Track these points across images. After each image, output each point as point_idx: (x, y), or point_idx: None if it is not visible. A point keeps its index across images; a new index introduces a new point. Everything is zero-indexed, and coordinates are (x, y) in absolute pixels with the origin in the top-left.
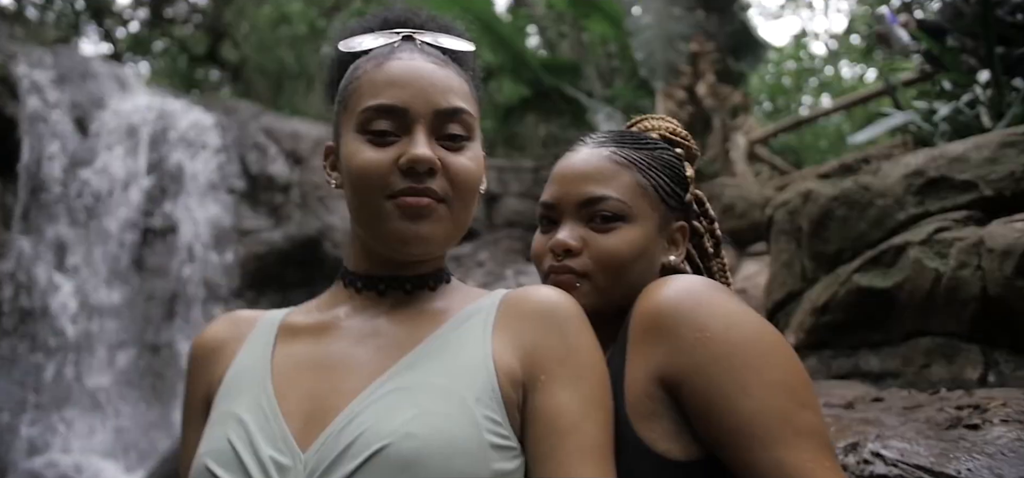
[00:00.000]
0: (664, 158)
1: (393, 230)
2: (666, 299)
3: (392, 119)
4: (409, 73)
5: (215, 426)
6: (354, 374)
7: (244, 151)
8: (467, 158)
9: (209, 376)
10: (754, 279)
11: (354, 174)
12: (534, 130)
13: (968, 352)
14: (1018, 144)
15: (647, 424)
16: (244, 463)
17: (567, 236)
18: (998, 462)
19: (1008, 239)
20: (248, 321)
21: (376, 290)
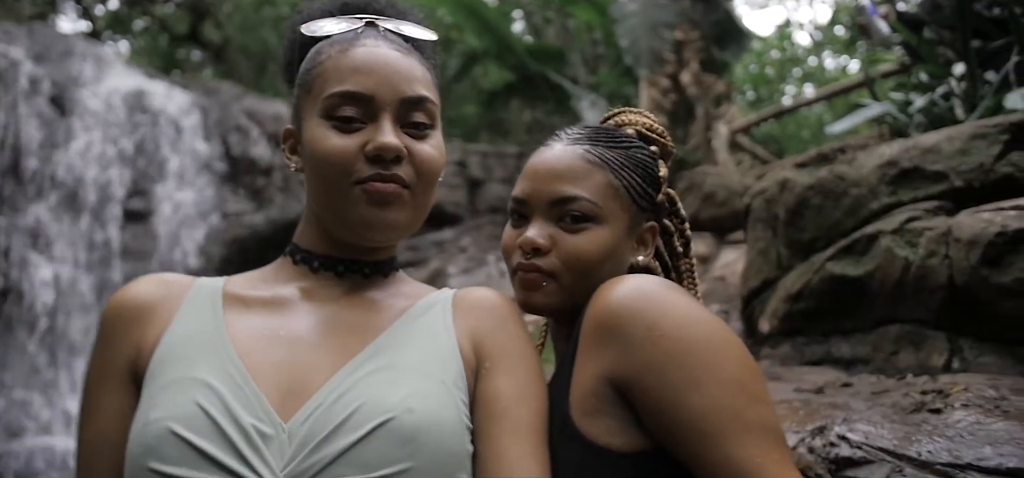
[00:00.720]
0: (637, 157)
1: (359, 215)
2: (616, 300)
3: (358, 106)
4: (375, 61)
5: (171, 390)
6: (323, 352)
7: (226, 133)
8: (431, 146)
9: (137, 338)
10: (732, 266)
11: (319, 159)
12: (518, 116)
13: (935, 339)
14: (988, 136)
15: (591, 420)
16: (223, 429)
17: (536, 235)
18: (956, 444)
19: (975, 229)
20: (180, 284)
21: (335, 271)
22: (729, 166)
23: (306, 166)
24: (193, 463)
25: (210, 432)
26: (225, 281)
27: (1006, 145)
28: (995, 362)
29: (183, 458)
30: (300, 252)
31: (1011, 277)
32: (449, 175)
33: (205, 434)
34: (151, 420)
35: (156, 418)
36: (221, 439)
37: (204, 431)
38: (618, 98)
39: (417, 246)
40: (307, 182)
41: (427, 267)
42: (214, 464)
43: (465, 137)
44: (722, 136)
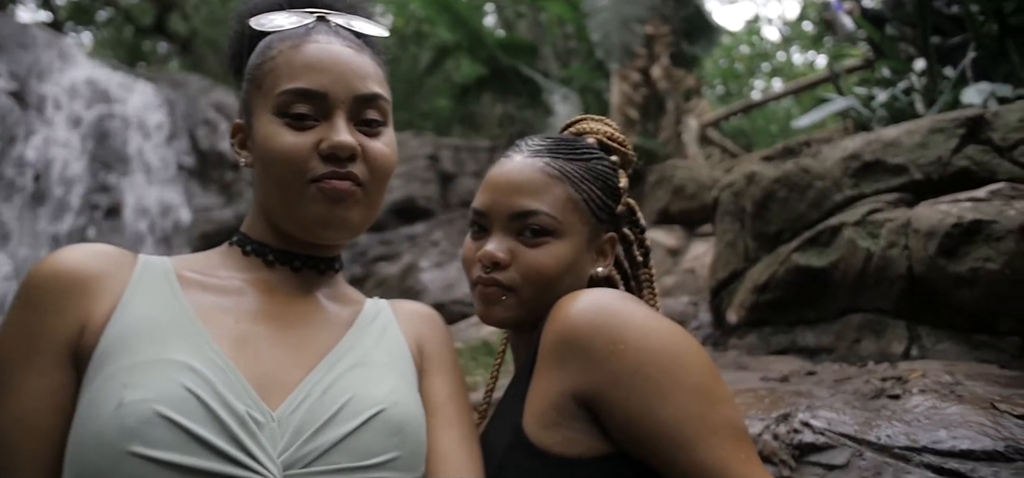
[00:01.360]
0: (598, 169)
1: (314, 213)
2: (576, 315)
3: (311, 103)
4: (328, 57)
5: (148, 371)
6: (294, 346)
7: (194, 127)
8: (384, 143)
9: (81, 312)
10: (702, 259)
11: (272, 157)
12: (490, 110)
13: (895, 327)
14: (946, 130)
15: (547, 433)
16: (217, 414)
17: (496, 248)
18: (914, 428)
19: (932, 220)
20: (123, 258)
21: (291, 267)
22: (699, 160)
23: (257, 162)
24: (185, 448)
25: (202, 417)
26: (172, 262)
27: (962, 139)
28: (951, 349)
29: (173, 442)
30: (251, 243)
31: (966, 267)
32: (421, 169)
33: (197, 418)
34: (128, 402)
35: (136, 399)
36: (215, 424)
37: (196, 415)
38: (590, 92)
39: (389, 240)
40: (258, 178)
41: (399, 261)
42: (209, 449)
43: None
44: (692, 130)
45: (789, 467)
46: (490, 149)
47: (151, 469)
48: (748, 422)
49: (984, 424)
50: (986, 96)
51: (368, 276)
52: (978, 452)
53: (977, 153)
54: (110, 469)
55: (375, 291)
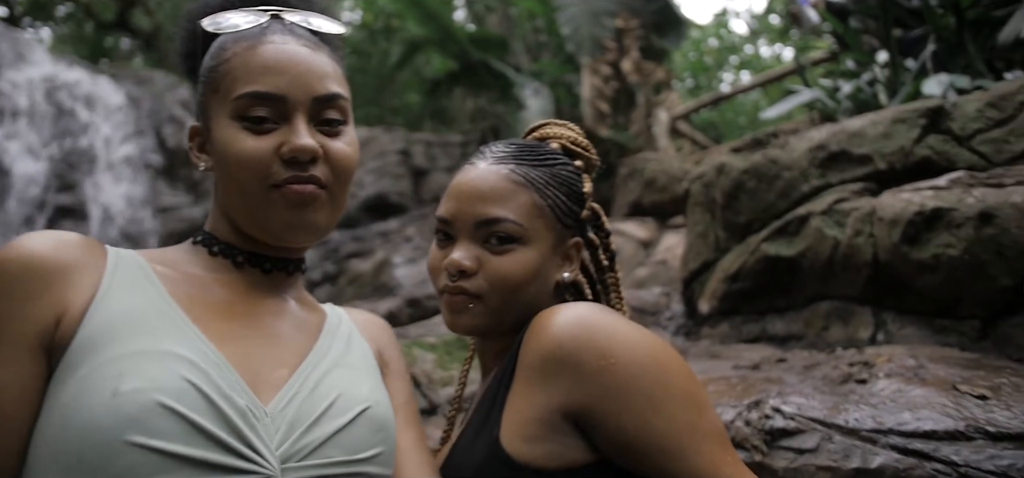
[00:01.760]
0: (562, 175)
1: (279, 219)
2: (562, 331)
3: (270, 106)
4: (285, 58)
5: (142, 362)
6: (275, 346)
7: (160, 124)
8: (345, 143)
9: (58, 301)
10: (673, 250)
11: (233, 163)
12: (462, 104)
13: (861, 314)
14: (908, 120)
15: (527, 446)
16: (218, 406)
17: (462, 257)
18: (880, 411)
19: (896, 208)
20: (95, 248)
21: (261, 268)
22: (670, 152)
23: (217, 168)
24: (187, 438)
25: (204, 408)
26: (143, 255)
27: (924, 129)
28: (915, 333)
29: (175, 432)
30: (219, 244)
31: (928, 253)
32: (393, 165)
33: (199, 410)
34: (125, 390)
35: (134, 388)
36: (217, 416)
37: (198, 406)
38: (561, 86)
39: (362, 237)
40: (219, 182)
41: (372, 257)
42: (211, 440)
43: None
44: (662, 123)
45: (761, 452)
46: (462, 144)
47: (151, 459)
48: (721, 409)
49: (946, 405)
50: (945, 87)
51: (341, 273)
52: (941, 432)
53: (938, 142)
54: (105, 459)
55: (348, 288)
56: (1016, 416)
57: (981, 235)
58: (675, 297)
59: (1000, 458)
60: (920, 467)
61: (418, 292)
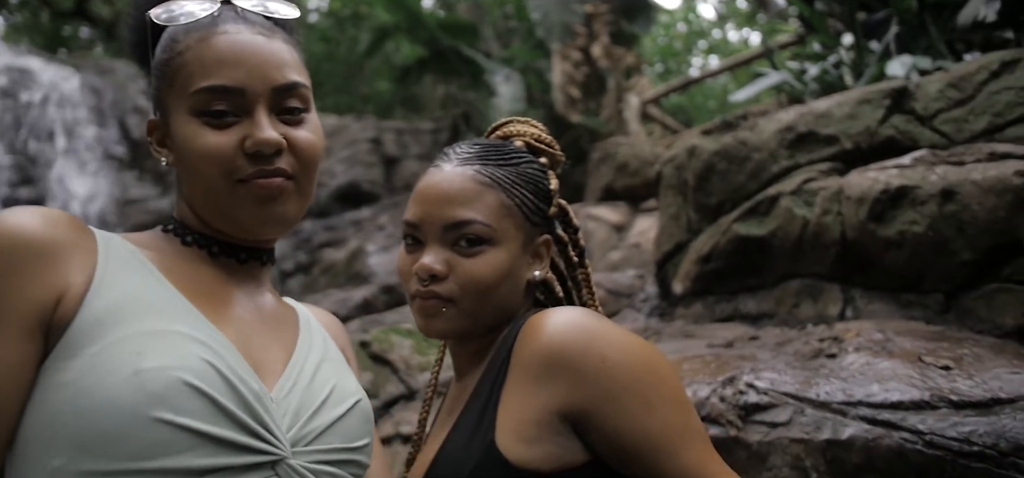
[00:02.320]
0: (528, 173)
1: (248, 215)
2: (561, 335)
3: (229, 99)
4: (240, 49)
5: (163, 341)
6: (265, 336)
7: (123, 115)
8: (308, 131)
9: (61, 280)
10: (646, 234)
11: (196, 160)
12: (432, 91)
13: (830, 291)
14: (873, 101)
15: (524, 447)
16: (237, 388)
17: (432, 261)
18: (849, 383)
19: (863, 187)
20: (85, 229)
21: (237, 259)
22: (641, 136)
23: (180, 163)
24: (210, 417)
25: (224, 389)
26: (126, 239)
27: (888, 109)
28: (882, 308)
29: (200, 411)
30: (192, 234)
31: (894, 230)
32: (364, 153)
33: (220, 390)
34: (147, 368)
35: (156, 367)
36: (236, 397)
37: (219, 387)
38: (531, 72)
39: (334, 226)
40: (182, 177)
41: (345, 247)
42: (232, 420)
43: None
44: (633, 107)
45: (736, 426)
46: (433, 131)
47: (177, 436)
48: (696, 386)
49: (912, 376)
50: (908, 68)
51: (314, 263)
52: (907, 403)
53: (901, 122)
54: (129, 434)
55: (322, 278)
56: (977, 385)
57: (944, 212)
58: (649, 279)
59: (963, 425)
60: (888, 436)
61: (392, 280)
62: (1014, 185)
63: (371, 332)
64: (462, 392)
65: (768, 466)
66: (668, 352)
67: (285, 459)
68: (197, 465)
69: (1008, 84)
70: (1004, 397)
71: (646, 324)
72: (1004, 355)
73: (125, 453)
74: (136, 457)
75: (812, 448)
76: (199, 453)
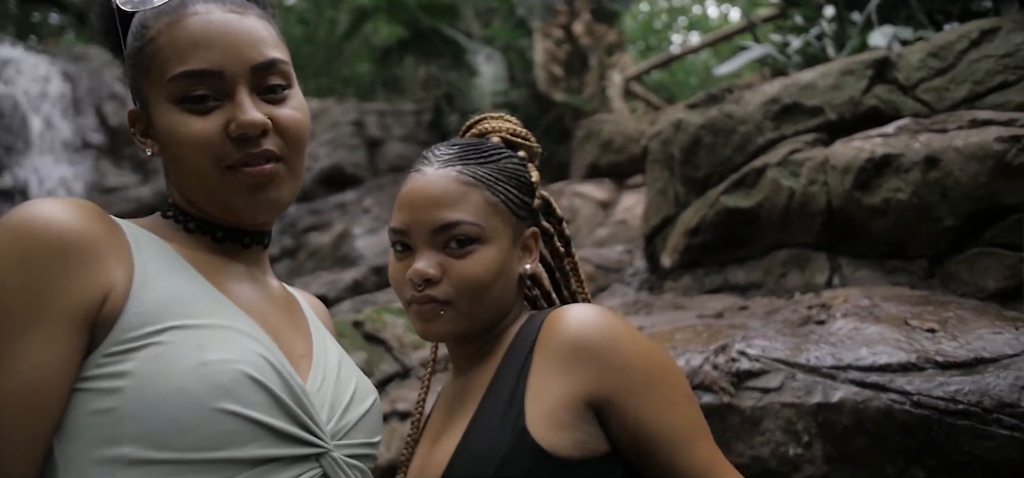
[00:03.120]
0: (509, 168)
1: (241, 203)
2: (587, 327)
3: (208, 83)
4: (213, 30)
5: (219, 334)
6: (284, 324)
7: (100, 102)
8: (293, 108)
9: (107, 277)
10: (633, 210)
11: (182, 149)
12: (413, 72)
13: (817, 260)
14: (856, 72)
15: (557, 434)
16: (288, 382)
17: (425, 266)
18: (838, 348)
19: (847, 156)
20: (114, 222)
21: (241, 243)
22: (624, 113)
23: (166, 153)
24: (270, 409)
25: (278, 382)
26: (146, 229)
27: (871, 80)
28: (868, 275)
29: (261, 403)
30: (194, 220)
31: (879, 198)
32: (346, 135)
33: (275, 383)
34: (212, 360)
35: (221, 359)
36: (288, 390)
37: (273, 380)
38: (513, 51)
39: (319, 210)
40: (171, 167)
41: (331, 230)
42: (287, 413)
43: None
44: (616, 84)
45: (729, 393)
46: (416, 112)
47: (242, 427)
48: (689, 355)
49: (899, 340)
50: (890, 39)
51: (300, 247)
52: (895, 365)
53: (884, 92)
54: (197, 425)
55: (308, 262)
56: (962, 346)
57: (927, 179)
58: (637, 254)
59: (948, 385)
60: (877, 398)
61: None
62: (995, 151)
63: (364, 312)
64: (466, 388)
65: (761, 431)
66: (659, 324)
67: (329, 452)
68: (257, 455)
69: (988, 52)
70: (987, 357)
71: (636, 298)
72: (987, 317)
73: (193, 443)
74: (203, 447)
75: (803, 412)
76: (260, 444)
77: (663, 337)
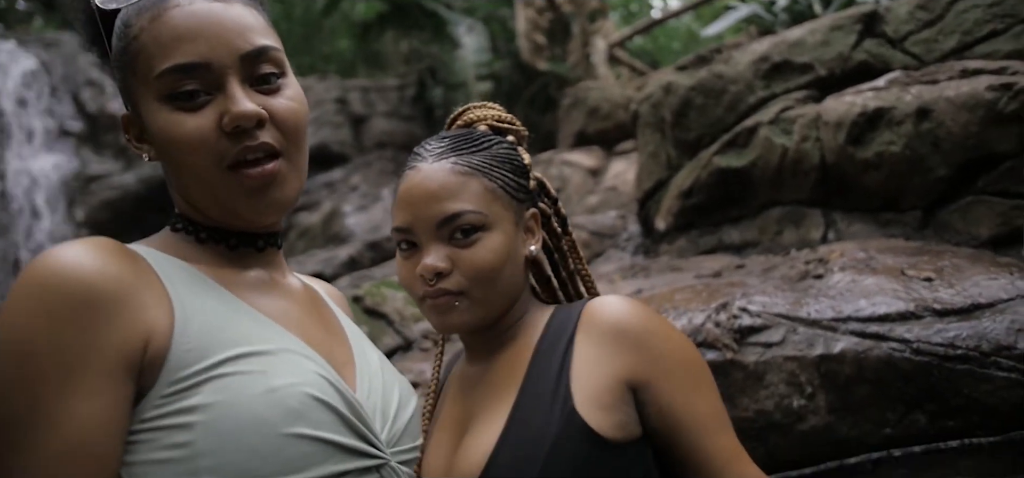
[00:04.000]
0: (502, 154)
1: (243, 205)
2: (627, 313)
3: (196, 77)
4: (196, 21)
5: (275, 359)
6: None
7: (76, 89)
8: (288, 98)
9: (145, 322)
10: (622, 176)
11: (177, 149)
12: (395, 47)
13: (812, 216)
14: (844, 27)
15: (603, 414)
16: (346, 397)
17: (434, 260)
18: (837, 301)
19: (839, 111)
20: (137, 257)
21: (255, 247)
22: (610, 80)
23: (163, 156)
24: (338, 428)
25: (339, 400)
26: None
27: (860, 34)
28: (863, 229)
29: (328, 423)
30: (205, 229)
31: (872, 152)
32: (330, 113)
33: (337, 401)
34: (279, 386)
35: (287, 384)
36: (348, 406)
37: (335, 398)
38: (494, 21)
39: (307, 189)
40: (169, 171)
41: (320, 210)
42: (351, 429)
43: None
44: (600, 51)
45: (732, 349)
46: (399, 87)
47: (316, 448)
48: (691, 314)
49: (897, 290)
50: None
51: (290, 227)
52: (894, 314)
53: (873, 46)
54: (274, 450)
55: (298, 242)
56: (958, 293)
57: (919, 130)
58: (630, 218)
59: (947, 331)
60: (878, 347)
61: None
62: (987, 100)
63: (363, 287)
64: (487, 377)
65: (765, 384)
66: (658, 286)
67: (388, 462)
68: (331, 472)
69: (976, 2)
70: (983, 302)
71: (632, 262)
72: (981, 263)
73: (270, 469)
74: (280, 472)
75: (806, 364)
76: (332, 462)
77: (663, 298)
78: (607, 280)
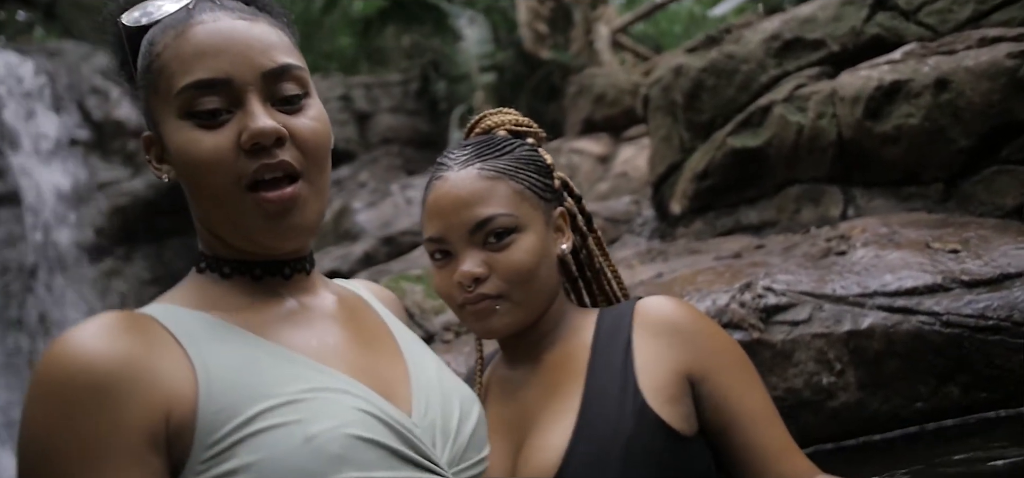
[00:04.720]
0: (525, 156)
1: (261, 231)
2: (681, 311)
3: (217, 94)
4: (219, 37)
5: (310, 402)
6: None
7: (82, 97)
8: (311, 118)
9: (162, 397)
10: (632, 161)
11: (195, 168)
12: (396, 42)
13: (831, 193)
14: (856, 1)
15: (670, 407)
16: (394, 427)
17: (471, 266)
18: (863, 276)
19: (856, 86)
20: (149, 322)
21: (281, 275)
22: (614, 66)
23: (181, 176)
24: (388, 464)
25: (386, 432)
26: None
27: (872, 8)
28: (884, 204)
29: (378, 461)
30: (228, 264)
31: (890, 125)
32: (335, 111)
33: (384, 435)
34: (317, 433)
35: (325, 429)
36: (397, 436)
37: (381, 432)
38: (495, 12)
39: None
40: (188, 193)
41: (330, 208)
42: (404, 460)
43: (344, 70)
44: (603, 37)
45: (758, 329)
46: (403, 82)
47: None
48: (715, 295)
49: (923, 263)
50: None
51: None
52: (921, 288)
53: (886, 19)
54: None
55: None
56: (986, 263)
57: (938, 101)
58: (644, 203)
59: (977, 302)
60: (906, 321)
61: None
62: (1007, 67)
63: (381, 282)
64: (534, 380)
65: (794, 362)
66: (678, 269)
67: None
68: None
69: None
70: (1013, 271)
71: (648, 246)
72: (1008, 233)
73: None
74: None
75: (834, 340)
76: None
77: (685, 280)
78: (625, 265)
